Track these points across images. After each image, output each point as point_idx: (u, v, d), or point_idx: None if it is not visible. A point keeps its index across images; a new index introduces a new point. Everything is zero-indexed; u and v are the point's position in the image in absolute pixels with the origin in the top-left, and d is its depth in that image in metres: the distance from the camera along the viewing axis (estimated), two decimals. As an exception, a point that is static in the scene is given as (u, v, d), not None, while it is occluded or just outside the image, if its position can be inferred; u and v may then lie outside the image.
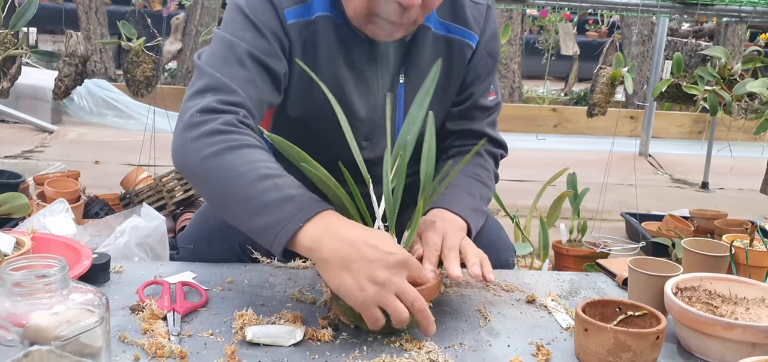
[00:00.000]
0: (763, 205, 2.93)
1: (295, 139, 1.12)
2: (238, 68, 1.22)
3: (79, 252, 1.24)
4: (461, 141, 1.49)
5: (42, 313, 0.77)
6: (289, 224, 1.07)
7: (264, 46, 1.25)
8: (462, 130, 1.49)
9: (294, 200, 1.09)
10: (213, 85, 1.20)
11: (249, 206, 1.10)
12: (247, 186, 1.10)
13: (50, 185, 2.65)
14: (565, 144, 5.96)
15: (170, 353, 0.99)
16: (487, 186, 1.44)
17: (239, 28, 1.26)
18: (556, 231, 2.95)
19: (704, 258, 1.31)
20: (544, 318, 1.21)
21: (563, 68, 8.23)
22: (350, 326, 1.11)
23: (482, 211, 1.39)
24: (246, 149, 1.14)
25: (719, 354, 1.06)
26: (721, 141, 3.93)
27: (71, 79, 2.70)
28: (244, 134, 1.16)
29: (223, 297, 1.21)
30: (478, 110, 1.49)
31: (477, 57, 1.44)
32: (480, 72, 1.46)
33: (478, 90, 1.47)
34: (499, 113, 1.53)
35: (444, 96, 1.44)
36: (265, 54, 1.25)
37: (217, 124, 1.15)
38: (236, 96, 1.19)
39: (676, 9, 3.94)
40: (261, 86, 1.25)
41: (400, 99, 1.40)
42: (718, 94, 2.56)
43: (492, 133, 1.50)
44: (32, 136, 5.21)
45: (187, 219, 2.71)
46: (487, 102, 1.49)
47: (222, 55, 1.23)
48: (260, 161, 1.13)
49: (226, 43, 1.24)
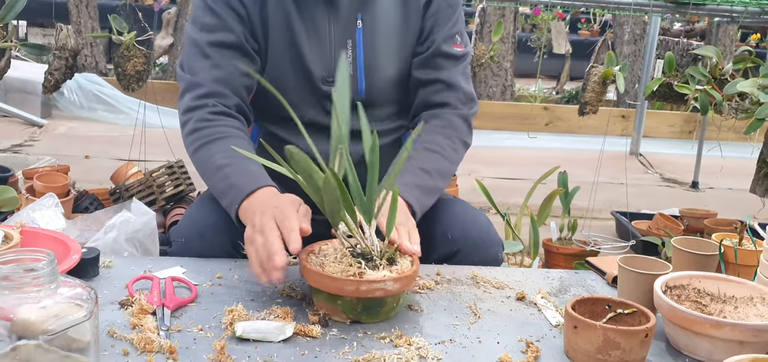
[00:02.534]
0: (752, 205, 2.94)
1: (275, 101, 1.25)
2: (202, 60, 1.43)
3: (68, 246, 1.24)
4: (434, 94, 1.53)
5: (30, 307, 0.77)
6: (232, 205, 1.28)
7: (217, 24, 1.43)
8: (431, 79, 1.53)
9: (235, 187, 1.29)
10: (186, 86, 1.44)
11: (215, 192, 1.36)
12: (211, 177, 1.36)
13: (40, 179, 2.64)
14: (557, 142, 5.98)
15: (159, 348, 0.99)
16: (446, 158, 1.47)
17: (199, 12, 1.46)
18: (546, 229, 2.96)
19: (693, 257, 1.31)
20: (533, 316, 1.21)
21: (555, 67, 8.24)
22: (346, 322, 1.11)
23: (435, 188, 1.42)
24: (212, 143, 1.37)
25: (707, 352, 1.06)
26: (712, 140, 3.95)
27: (61, 72, 2.69)
28: (213, 126, 1.39)
29: (213, 292, 1.21)
30: (444, 58, 1.53)
31: (435, 4, 1.52)
32: (439, 19, 1.52)
33: (439, 36, 1.52)
34: (468, 63, 1.58)
35: (404, 37, 1.52)
36: (219, 31, 1.43)
37: (193, 123, 1.40)
38: (203, 88, 1.42)
39: (668, 8, 3.95)
40: (226, 64, 1.43)
41: (359, 45, 1.49)
42: (708, 93, 2.57)
43: (463, 84, 1.54)
44: (22, 130, 5.18)
45: (178, 214, 2.70)
46: (454, 51, 1.54)
47: (191, 53, 1.45)
48: (218, 153, 1.35)
49: (191, 41, 1.45)
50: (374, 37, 1.50)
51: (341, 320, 1.12)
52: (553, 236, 2.95)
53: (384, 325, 1.12)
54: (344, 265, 1.12)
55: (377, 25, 1.50)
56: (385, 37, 1.50)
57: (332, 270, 1.11)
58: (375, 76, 1.49)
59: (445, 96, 1.52)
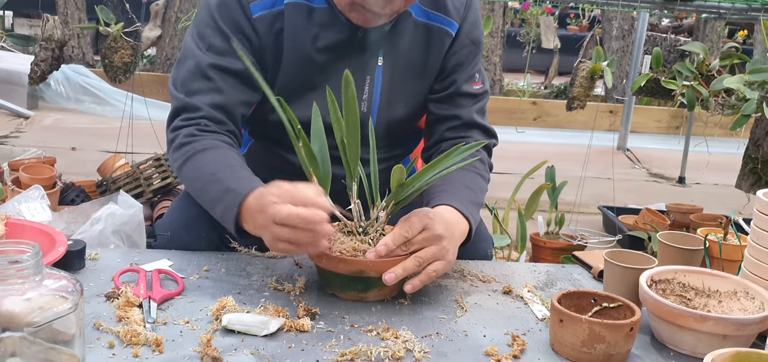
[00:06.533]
0: (737, 200, 2.97)
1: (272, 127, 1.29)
2: (203, 82, 1.36)
3: (54, 238, 1.23)
4: (452, 131, 1.51)
5: (14, 299, 0.77)
6: (231, 208, 1.20)
7: (225, 48, 1.35)
8: (450, 116, 1.51)
9: (230, 191, 1.21)
10: (178, 107, 1.37)
11: (206, 202, 1.29)
12: (203, 187, 1.29)
13: (25, 171, 2.62)
14: (545, 137, 6.00)
15: (145, 340, 0.99)
16: (483, 177, 1.46)
17: (207, 30, 1.38)
18: (533, 223, 2.98)
19: (679, 252, 1.32)
20: (520, 309, 1.22)
21: (544, 62, 8.27)
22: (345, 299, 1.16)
23: (480, 206, 1.40)
24: (200, 154, 1.30)
25: (691, 346, 1.07)
26: (698, 136, 3.97)
27: (48, 63, 2.67)
28: (201, 140, 1.32)
29: (200, 285, 1.21)
30: (463, 97, 1.51)
31: (458, 44, 1.48)
32: (462, 59, 1.49)
33: (461, 77, 1.50)
34: (486, 101, 1.56)
35: (422, 77, 1.48)
36: (227, 56, 1.36)
37: (180, 139, 1.33)
38: (200, 112, 1.35)
39: (657, 4, 3.97)
40: (227, 90, 1.37)
41: (377, 82, 1.44)
42: (695, 89, 2.59)
43: (481, 121, 1.53)
44: (7, 122, 5.14)
45: (165, 207, 2.69)
46: (473, 90, 1.52)
47: (190, 72, 1.37)
48: (210, 163, 1.29)
49: (192, 60, 1.37)
50: (393, 75, 1.44)
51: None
52: (541, 230, 2.96)
53: (371, 318, 1.12)
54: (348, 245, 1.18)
55: (398, 63, 1.44)
56: (404, 76, 1.46)
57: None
58: (387, 114, 1.44)
59: (465, 132, 1.50)
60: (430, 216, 1.18)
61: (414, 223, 1.16)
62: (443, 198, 1.29)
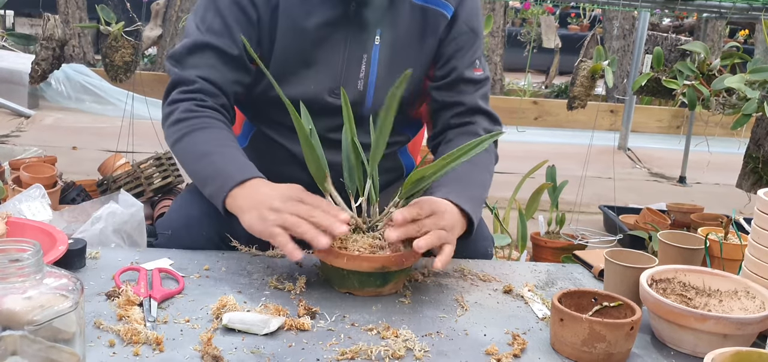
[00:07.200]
0: (738, 199, 2.96)
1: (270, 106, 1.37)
2: (199, 58, 1.41)
3: (55, 237, 1.23)
4: (457, 117, 1.53)
5: (15, 298, 0.76)
6: (220, 192, 1.25)
7: (223, 30, 1.41)
8: (454, 102, 1.53)
9: (222, 174, 1.27)
10: (175, 79, 1.42)
11: (198, 180, 1.34)
12: (194, 163, 1.34)
13: (26, 170, 2.63)
14: (545, 136, 6.00)
15: (146, 339, 0.99)
16: (488, 171, 1.47)
17: (209, 13, 1.42)
18: (534, 222, 2.98)
19: (679, 251, 1.32)
20: (520, 308, 1.22)
21: (545, 61, 8.27)
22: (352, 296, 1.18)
23: (482, 201, 1.42)
24: (196, 132, 1.35)
25: (692, 346, 1.07)
26: (699, 136, 3.97)
27: (48, 62, 2.67)
28: (199, 117, 1.37)
29: (200, 284, 1.21)
30: (466, 83, 1.52)
31: (456, 30, 1.50)
32: (462, 45, 1.51)
33: (461, 63, 1.51)
34: (489, 87, 1.58)
35: (419, 59, 1.50)
36: (223, 38, 1.41)
37: (178, 114, 1.38)
38: (194, 84, 1.40)
39: (658, 4, 3.97)
40: (222, 68, 1.42)
41: (373, 61, 1.47)
42: (696, 89, 2.59)
43: (485, 107, 1.54)
44: (8, 121, 5.14)
45: (165, 206, 2.69)
46: (475, 76, 1.53)
47: (187, 49, 1.42)
48: (206, 142, 1.33)
49: (191, 38, 1.42)
50: (390, 55, 1.47)
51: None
52: (541, 230, 2.96)
53: (371, 317, 1.12)
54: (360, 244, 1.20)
55: (395, 43, 1.47)
56: (400, 55, 1.47)
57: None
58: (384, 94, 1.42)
59: (470, 117, 1.52)
60: (437, 203, 1.23)
61: (424, 205, 1.20)
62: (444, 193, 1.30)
